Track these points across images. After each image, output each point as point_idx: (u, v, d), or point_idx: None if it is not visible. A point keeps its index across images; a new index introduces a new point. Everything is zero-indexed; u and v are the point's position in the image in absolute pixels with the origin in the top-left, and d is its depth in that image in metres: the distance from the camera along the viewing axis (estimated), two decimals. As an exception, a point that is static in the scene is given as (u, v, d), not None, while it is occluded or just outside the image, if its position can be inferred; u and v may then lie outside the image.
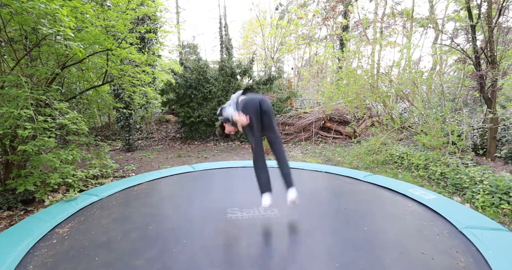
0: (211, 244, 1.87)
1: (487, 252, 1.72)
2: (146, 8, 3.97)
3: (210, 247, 1.83)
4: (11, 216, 2.55)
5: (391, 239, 1.96)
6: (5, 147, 2.77)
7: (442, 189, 3.43)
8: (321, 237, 1.98)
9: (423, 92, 5.51)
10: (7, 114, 2.25)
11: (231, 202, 2.62)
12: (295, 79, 15.89)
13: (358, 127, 7.12)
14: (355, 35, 12.27)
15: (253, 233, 2.03)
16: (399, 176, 4.04)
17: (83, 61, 3.31)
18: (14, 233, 2.03)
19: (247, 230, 2.07)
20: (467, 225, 2.07)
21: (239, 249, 1.85)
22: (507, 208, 2.65)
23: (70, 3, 2.56)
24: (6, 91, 2.46)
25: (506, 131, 4.81)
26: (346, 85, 5.82)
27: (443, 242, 1.90)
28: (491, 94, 4.36)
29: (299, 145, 6.96)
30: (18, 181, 2.51)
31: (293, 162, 4.23)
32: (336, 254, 1.77)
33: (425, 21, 5.97)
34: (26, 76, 2.58)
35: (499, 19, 4.23)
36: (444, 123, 4.49)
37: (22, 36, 2.80)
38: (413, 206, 2.51)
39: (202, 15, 35.13)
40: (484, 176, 3.15)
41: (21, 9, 2.21)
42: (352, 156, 5.11)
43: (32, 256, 1.77)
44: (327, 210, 2.52)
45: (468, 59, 4.72)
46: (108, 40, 3.21)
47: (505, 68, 4.96)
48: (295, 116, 7.84)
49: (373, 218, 2.29)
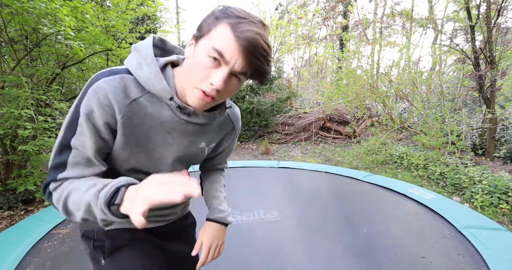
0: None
1: (486, 252, 1.73)
2: (146, 8, 3.97)
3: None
4: (11, 216, 2.56)
5: (391, 239, 1.97)
6: (6, 147, 2.77)
7: (442, 189, 3.44)
8: (322, 240, 1.98)
9: (422, 92, 5.53)
10: (8, 114, 2.24)
11: (231, 205, 2.61)
12: (295, 79, 15.90)
13: (358, 127, 7.13)
14: (355, 35, 12.30)
15: (254, 237, 2.03)
16: (399, 176, 4.05)
17: (83, 61, 3.30)
18: (15, 233, 2.03)
19: (248, 234, 2.07)
20: (466, 225, 2.08)
21: (241, 253, 1.85)
22: (505, 207, 2.66)
23: (71, 3, 2.56)
24: (6, 91, 2.46)
25: (504, 131, 4.82)
26: (346, 85, 5.83)
27: (443, 242, 1.91)
28: (490, 94, 4.37)
29: (299, 145, 6.97)
30: (19, 181, 2.51)
31: (293, 162, 4.24)
32: (336, 255, 1.77)
33: (424, 21, 5.98)
34: (26, 76, 2.58)
35: (498, 19, 4.25)
36: (444, 123, 4.50)
37: (22, 36, 2.80)
38: (413, 206, 2.52)
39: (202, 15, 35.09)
40: (483, 176, 3.16)
41: (22, 10, 2.21)
42: (352, 156, 5.12)
43: (32, 256, 1.77)
44: (327, 210, 2.53)
45: (467, 59, 4.73)
46: (108, 40, 3.21)
47: (504, 69, 4.98)
48: (295, 116, 7.85)
49: (373, 219, 2.30)
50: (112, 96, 0.55)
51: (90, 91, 0.54)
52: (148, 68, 0.58)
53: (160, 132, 0.64)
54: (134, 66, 0.59)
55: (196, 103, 0.57)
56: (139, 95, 0.59)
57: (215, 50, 0.51)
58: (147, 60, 0.59)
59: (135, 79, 0.58)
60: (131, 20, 3.65)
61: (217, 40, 0.51)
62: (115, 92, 0.55)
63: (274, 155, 5.72)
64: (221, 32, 0.51)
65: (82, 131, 0.55)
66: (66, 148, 0.56)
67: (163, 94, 0.59)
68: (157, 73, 0.58)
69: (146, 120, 0.61)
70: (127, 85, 0.58)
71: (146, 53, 0.59)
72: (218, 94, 0.56)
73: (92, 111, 0.55)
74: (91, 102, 0.54)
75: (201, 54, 0.53)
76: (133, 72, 0.58)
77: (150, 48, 0.61)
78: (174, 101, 0.61)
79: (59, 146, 0.57)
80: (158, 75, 0.58)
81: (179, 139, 0.67)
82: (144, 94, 0.59)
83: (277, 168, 3.77)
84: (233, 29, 0.50)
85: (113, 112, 0.56)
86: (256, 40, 0.50)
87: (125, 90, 0.57)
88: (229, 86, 0.56)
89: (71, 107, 0.58)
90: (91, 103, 0.55)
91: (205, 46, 0.53)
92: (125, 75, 0.58)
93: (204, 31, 0.54)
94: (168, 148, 0.67)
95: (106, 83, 0.54)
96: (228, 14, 0.52)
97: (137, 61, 0.59)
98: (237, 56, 0.51)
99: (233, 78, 0.55)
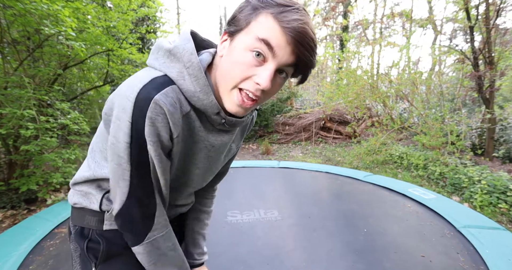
0: (212, 249, 1.89)
1: (485, 251, 1.75)
2: (147, 9, 3.99)
3: (211, 252, 1.85)
4: (14, 215, 2.57)
5: (391, 238, 1.98)
6: (8, 147, 2.79)
7: (441, 188, 3.46)
8: (322, 239, 2.00)
9: (422, 93, 5.55)
10: (10, 114, 2.26)
11: (231, 204, 2.61)
12: (295, 79, 15.86)
13: (358, 127, 7.15)
14: (355, 35, 12.32)
15: (254, 236, 2.04)
16: (399, 176, 4.07)
17: (84, 61, 3.33)
18: (18, 232, 2.05)
19: (248, 233, 2.09)
20: (465, 224, 2.10)
21: (241, 251, 1.87)
22: (504, 207, 2.67)
23: (72, 5, 2.58)
24: (9, 91, 2.48)
25: (503, 131, 4.84)
26: (346, 85, 5.85)
27: (442, 241, 1.92)
28: (489, 95, 4.39)
29: (299, 145, 6.98)
30: (21, 180, 2.52)
31: (293, 162, 4.26)
32: (336, 254, 1.79)
33: (424, 22, 6.00)
34: (28, 76, 2.59)
35: (496, 20, 4.27)
36: (443, 123, 4.52)
37: (24, 37, 2.82)
38: (413, 205, 2.54)
39: (202, 15, 35.17)
40: (482, 176, 3.18)
41: (24, 11, 2.23)
42: (352, 156, 5.14)
43: (35, 255, 1.79)
44: (327, 210, 2.54)
45: (467, 59, 4.75)
46: (109, 41, 3.23)
47: (503, 69, 5.00)
48: (295, 116, 7.86)
49: (373, 218, 2.31)
50: (170, 114, 0.46)
51: (149, 113, 0.44)
52: (194, 80, 0.48)
53: (204, 147, 0.57)
54: (175, 74, 0.48)
55: (236, 109, 0.50)
56: (189, 109, 0.50)
57: (261, 40, 0.44)
58: (191, 70, 0.49)
59: (181, 88, 0.49)
60: (132, 21, 3.67)
61: (261, 31, 0.44)
62: (172, 109, 0.46)
63: (275, 155, 5.73)
64: (264, 23, 0.44)
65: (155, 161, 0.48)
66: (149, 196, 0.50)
67: (210, 109, 0.51)
68: (205, 86, 0.49)
69: (192, 135, 0.54)
70: (181, 100, 0.49)
71: (189, 61, 0.49)
72: (263, 95, 0.49)
73: (159, 135, 0.46)
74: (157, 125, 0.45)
75: (241, 50, 0.46)
76: (175, 81, 0.48)
77: (194, 55, 0.49)
78: (220, 115, 0.53)
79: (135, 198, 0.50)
80: (206, 89, 0.50)
81: (219, 150, 0.61)
82: (192, 106, 0.51)
83: (278, 168, 3.79)
84: (278, 19, 0.43)
85: (171, 133, 0.48)
86: (305, 31, 0.44)
87: (179, 105, 0.48)
88: (274, 86, 0.49)
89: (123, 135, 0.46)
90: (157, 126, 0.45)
91: (245, 40, 0.46)
92: (174, 86, 0.48)
93: (241, 24, 0.47)
94: (208, 162, 0.61)
95: (162, 101, 0.45)
96: (268, 2, 0.45)
97: (177, 69, 0.48)
98: (285, 48, 0.44)
99: (278, 75, 0.48)
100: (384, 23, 11.27)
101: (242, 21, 0.46)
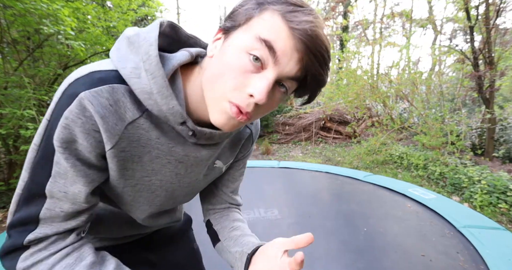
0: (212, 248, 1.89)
1: (485, 251, 1.75)
2: (147, 9, 4.00)
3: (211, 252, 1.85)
4: (13, 215, 2.58)
5: (391, 238, 1.99)
6: (8, 147, 2.79)
7: (441, 188, 3.46)
8: (322, 238, 2.00)
9: (422, 93, 5.55)
10: (10, 114, 2.27)
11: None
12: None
13: (358, 127, 7.15)
14: (355, 35, 12.33)
15: (254, 234, 2.05)
16: (399, 176, 4.08)
17: (84, 61, 3.33)
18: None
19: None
20: (465, 224, 2.10)
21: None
22: (504, 207, 2.68)
23: (72, 5, 2.59)
24: (9, 91, 2.48)
25: (503, 131, 4.84)
26: (346, 85, 5.86)
27: (442, 241, 1.93)
28: (489, 95, 4.40)
29: (299, 145, 6.99)
30: (21, 180, 2.53)
31: (293, 162, 4.26)
32: (336, 254, 1.79)
33: (424, 22, 6.01)
34: (28, 76, 2.60)
35: (496, 20, 4.27)
36: (443, 123, 4.52)
37: (24, 37, 2.82)
38: (413, 205, 2.54)
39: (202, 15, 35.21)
40: (482, 176, 3.18)
41: (24, 11, 2.23)
42: (352, 156, 5.14)
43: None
44: (327, 209, 2.54)
45: (467, 59, 4.76)
46: (109, 41, 3.23)
47: (503, 69, 5.00)
48: (295, 116, 7.87)
49: (373, 218, 2.31)
50: (99, 119, 0.36)
51: (67, 113, 0.35)
52: (151, 78, 0.37)
53: (169, 163, 0.46)
54: (128, 70, 0.37)
55: (223, 122, 0.39)
56: (137, 115, 0.39)
57: (262, 41, 0.35)
58: (148, 64, 0.37)
59: (130, 90, 0.38)
60: (131, 21, 3.67)
61: (263, 30, 0.35)
62: (103, 113, 0.36)
63: (275, 155, 5.74)
64: (269, 21, 0.35)
65: (61, 171, 0.37)
66: (36, 197, 0.38)
67: (172, 117, 0.40)
68: (163, 87, 0.38)
69: (148, 149, 0.42)
70: (120, 102, 0.37)
71: (147, 53, 0.37)
72: (256, 110, 0.39)
73: (73, 142, 0.36)
74: (73, 128, 0.35)
75: (235, 51, 0.37)
76: (127, 80, 0.37)
77: (154, 46, 0.38)
78: (187, 126, 0.42)
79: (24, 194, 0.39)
80: (165, 92, 0.38)
81: (194, 167, 0.50)
82: (144, 113, 0.40)
83: (278, 168, 3.79)
84: (286, 19, 0.35)
85: (101, 144, 0.38)
86: (318, 36, 0.35)
87: (117, 109, 0.37)
88: (272, 100, 0.39)
89: (37, 135, 0.38)
90: (72, 130, 0.35)
91: (243, 39, 0.36)
92: (116, 86, 0.37)
93: (240, 20, 0.37)
94: (177, 180, 0.50)
95: (89, 100, 0.35)
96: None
97: (132, 63, 0.38)
98: (291, 55, 0.35)
99: (277, 88, 0.39)
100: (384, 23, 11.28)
101: (242, 16, 0.37)
